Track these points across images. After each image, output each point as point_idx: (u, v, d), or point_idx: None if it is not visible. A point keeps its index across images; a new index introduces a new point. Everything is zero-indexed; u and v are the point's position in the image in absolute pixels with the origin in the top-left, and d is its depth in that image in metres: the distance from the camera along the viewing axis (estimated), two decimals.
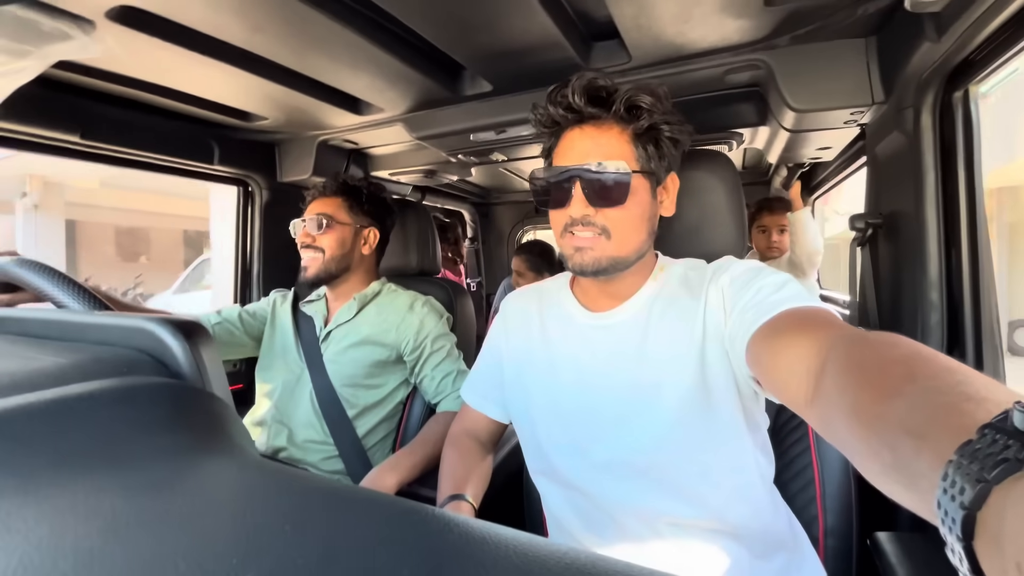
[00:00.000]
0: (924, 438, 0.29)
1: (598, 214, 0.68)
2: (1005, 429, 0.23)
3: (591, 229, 0.69)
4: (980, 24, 0.66)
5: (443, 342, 1.24)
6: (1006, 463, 0.22)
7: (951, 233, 0.86)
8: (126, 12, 0.80)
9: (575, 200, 0.68)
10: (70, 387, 0.27)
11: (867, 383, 0.37)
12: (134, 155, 1.34)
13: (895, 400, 0.33)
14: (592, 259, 0.69)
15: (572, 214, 0.69)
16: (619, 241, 0.69)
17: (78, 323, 0.41)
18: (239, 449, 0.28)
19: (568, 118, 0.71)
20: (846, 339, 0.44)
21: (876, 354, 0.39)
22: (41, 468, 0.22)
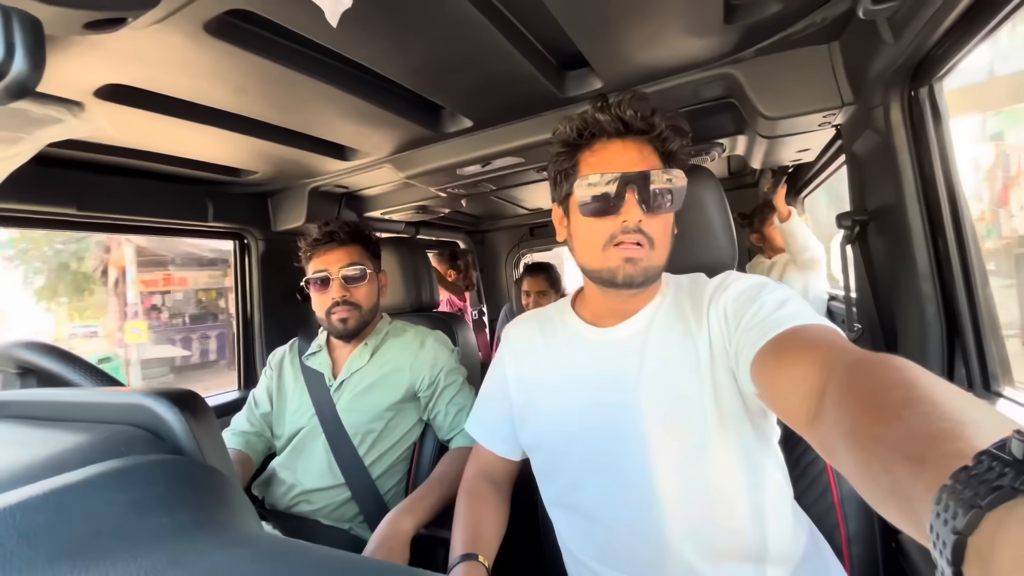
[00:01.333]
0: (922, 463, 0.29)
1: (647, 222, 0.69)
2: (1002, 457, 0.23)
3: (641, 238, 0.68)
4: (933, 23, 0.68)
5: (455, 376, 1.23)
6: (1000, 490, 0.22)
7: (935, 224, 0.87)
8: (113, 90, 0.83)
9: (628, 206, 0.68)
10: (67, 476, 0.28)
11: (867, 406, 0.37)
12: (130, 220, 1.37)
13: (894, 424, 0.33)
14: (643, 269, 0.69)
15: (627, 220, 0.68)
16: (659, 252, 0.71)
17: (76, 403, 0.42)
18: (240, 524, 0.28)
19: (617, 129, 0.71)
20: (847, 361, 0.44)
21: (877, 377, 0.39)
22: (41, 564, 0.23)
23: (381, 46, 0.81)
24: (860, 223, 1.04)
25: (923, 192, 0.88)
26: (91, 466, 0.30)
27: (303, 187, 1.61)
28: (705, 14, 0.82)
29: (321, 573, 0.22)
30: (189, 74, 0.83)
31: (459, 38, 0.81)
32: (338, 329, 1.20)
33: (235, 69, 0.82)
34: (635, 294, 0.74)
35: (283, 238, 1.72)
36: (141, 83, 0.84)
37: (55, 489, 0.26)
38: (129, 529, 0.26)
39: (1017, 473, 0.22)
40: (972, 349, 0.83)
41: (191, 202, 1.47)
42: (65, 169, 1.17)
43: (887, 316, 1.01)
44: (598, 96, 1.07)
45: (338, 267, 1.18)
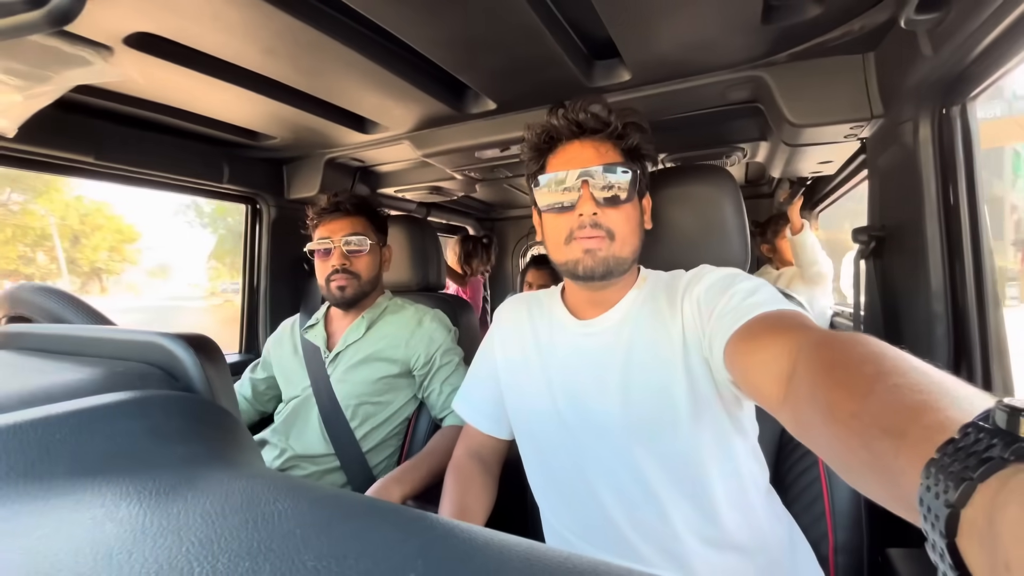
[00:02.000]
0: (903, 436, 0.29)
1: (604, 215, 0.72)
2: (988, 428, 0.24)
3: (598, 231, 0.71)
4: (974, 39, 0.68)
5: (451, 356, 1.24)
6: (991, 461, 0.22)
7: (954, 245, 0.86)
8: (142, 38, 0.83)
9: (583, 200, 0.71)
10: (86, 399, 0.28)
11: (838, 382, 0.37)
12: (147, 175, 1.37)
13: (868, 398, 0.33)
14: (601, 260, 0.72)
15: (582, 213, 0.72)
16: (621, 242, 0.73)
17: (93, 338, 0.42)
18: (248, 459, 0.29)
19: (572, 131, 0.75)
20: (814, 340, 0.45)
21: (844, 353, 0.40)
22: (61, 475, 0.23)
23: (414, 16, 0.81)
24: (877, 238, 1.04)
25: (944, 212, 0.87)
26: (108, 394, 0.30)
27: (319, 157, 1.61)
28: (744, 12, 0.81)
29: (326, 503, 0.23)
30: (220, 29, 0.83)
31: (492, 14, 0.80)
32: (336, 296, 1.22)
33: (266, 28, 0.82)
34: (604, 286, 0.76)
35: (295, 206, 1.72)
36: (171, 34, 0.84)
37: (76, 410, 0.27)
38: (148, 452, 0.26)
39: (1005, 443, 0.22)
40: (978, 372, 0.83)
41: (207, 162, 1.47)
42: (86, 116, 1.17)
43: (895, 333, 1.00)
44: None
45: (341, 236, 1.21)
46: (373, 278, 1.26)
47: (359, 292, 1.23)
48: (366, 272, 1.23)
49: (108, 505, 0.21)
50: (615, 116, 0.74)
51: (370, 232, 1.25)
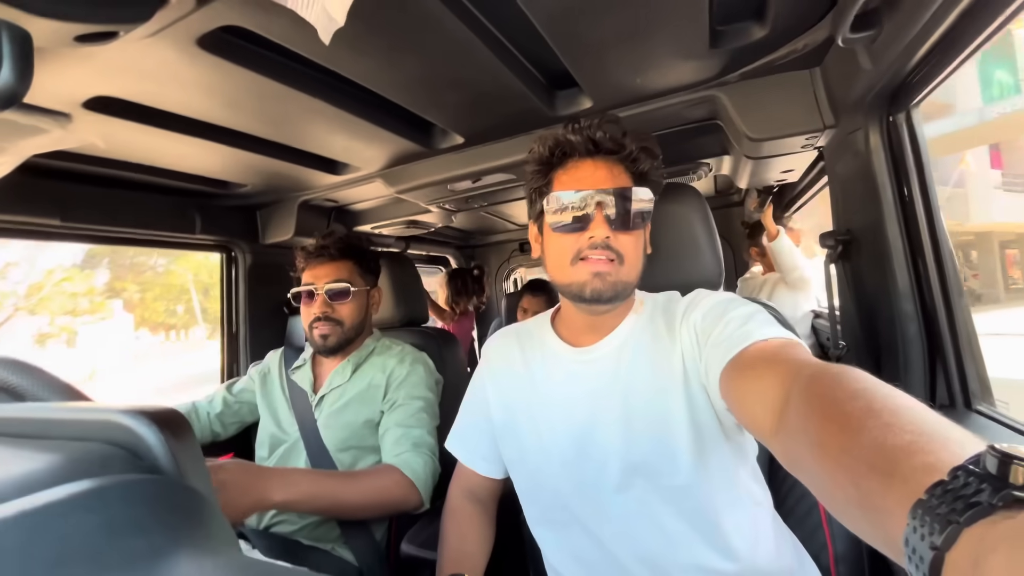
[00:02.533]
0: (892, 476, 0.29)
1: (615, 239, 0.70)
2: (977, 472, 0.24)
3: (608, 253, 0.69)
4: (908, 52, 0.71)
5: (415, 399, 1.16)
6: (978, 506, 0.22)
7: (915, 244, 0.89)
8: (102, 101, 0.83)
9: (596, 223, 0.69)
10: (36, 496, 0.27)
11: (830, 417, 0.37)
12: (116, 232, 1.35)
13: (859, 435, 0.33)
14: (611, 284, 0.69)
15: (594, 235, 0.69)
16: (629, 267, 0.71)
17: (49, 419, 0.41)
18: (217, 547, 0.28)
19: (588, 149, 0.73)
20: (808, 373, 0.45)
21: (837, 388, 0.40)
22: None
23: (373, 63, 0.82)
24: (843, 242, 1.07)
25: (902, 213, 0.90)
26: (62, 486, 0.29)
27: (293, 200, 1.60)
28: (692, 39, 0.84)
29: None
30: (181, 88, 0.83)
31: (451, 56, 0.82)
32: (319, 344, 1.20)
33: (227, 83, 0.83)
34: (607, 310, 0.74)
35: (271, 251, 1.71)
36: (131, 96, 0.84)
37: (24, 511, 0.25)
38: (102, 552, 0.25)
39: (994, 489, 0.22)
40: (953, 368, 0.85)
41: (178, 214, 1.46)
42: (48, 180, 1.16)
43: (871, 334, 1.02)
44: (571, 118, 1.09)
45: (324, 282, 1.19)
46: (358, 324, 1.23)
47: (342, 339, 1.21)
48: (350, 319, 1.21)
49: None
50: (630, 139, 0.72)
51: (356, 277, 1.23)
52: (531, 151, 0.78)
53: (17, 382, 0.50)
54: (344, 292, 1.18)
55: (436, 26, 0.73)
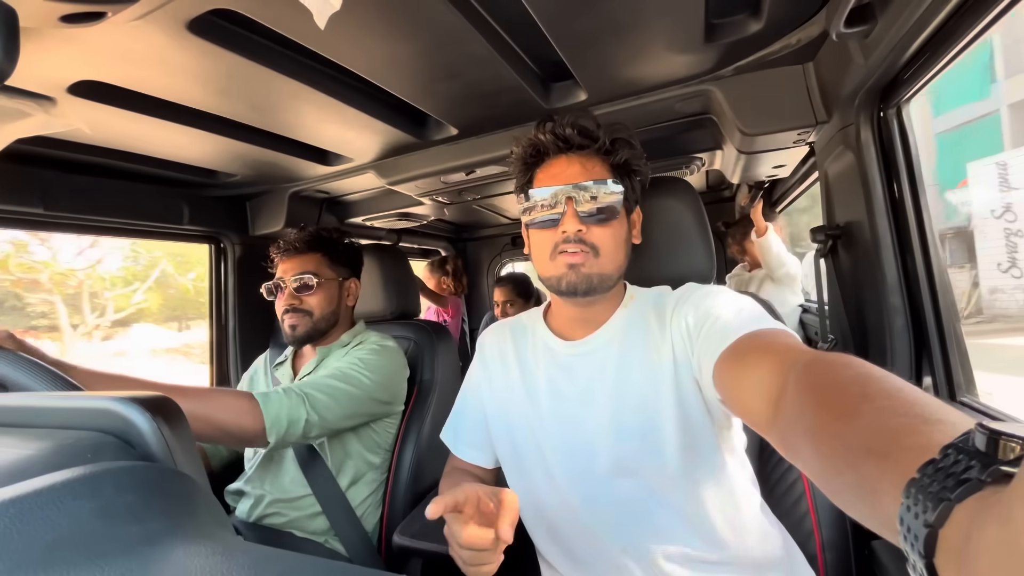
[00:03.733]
0: (886, 458, 0.30)
1: (589, 232, 0.71)
2: (967, 449, 0.24)
3: (581, 246, 0.70)
4: (901, 48, 0.72)
5: (336, 379, 1.07)
6: (968, 483, 0.23)
7: (903, 238, 0.90)
8: (88, 86, 0.81)
9: (568, 217, 0.70)
10: (29, 483, 0.26)
11: (825, 404, 0.38)
12: (101, 222, 1.32)
13: (854, 420, 0.34)
14: (584, 276, 0.70)
15: (566, 229, 0.70)
16: (606, 259, 0.72)
17: (40, 407, 0.40)
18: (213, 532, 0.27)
19: (558, 146, 0.75)
20: (803, 361, 0.46)
21: (832, 375, 0.41)
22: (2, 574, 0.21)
23: (366, 50, 0.81)
24: (832, 237, 1.08)
25: (892, 209, 0.91)
26: (55, 472, 0.28)
27: (283, 191, 1.58)
28: (687, 33, 0.85)
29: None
30: (169, 73, 0.81)
31: (447, 46, 0.82)
32: (288, 335, 1.22)
33: (217, 69, 0.81)
34: (589, 303, 0.75)
35: (261, 243, 1.69)
36: (118, 80, 0.82)
37: (15, 497, 0.25)
38: (95, 538, 0.24)
39: (983, 465, 0.23)
40: (939, 360, 0.86)
41: (166, 204, 1.43)
42: (31, 167, 1.13)
43: (858, 328, 1.04)
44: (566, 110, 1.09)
45: (291, 275, 1.21)
46: (328, 314, 1.23)
47: (311, 329, 1.21)
48: (318, 309, 1.22)
49: None
50: (603, 131, 0.74)
51: (324, 268, 1.24)
52: (511, 152, 0.79)
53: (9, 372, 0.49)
54: (308, 284, 1.20)
55: (431, 13, 0.72)
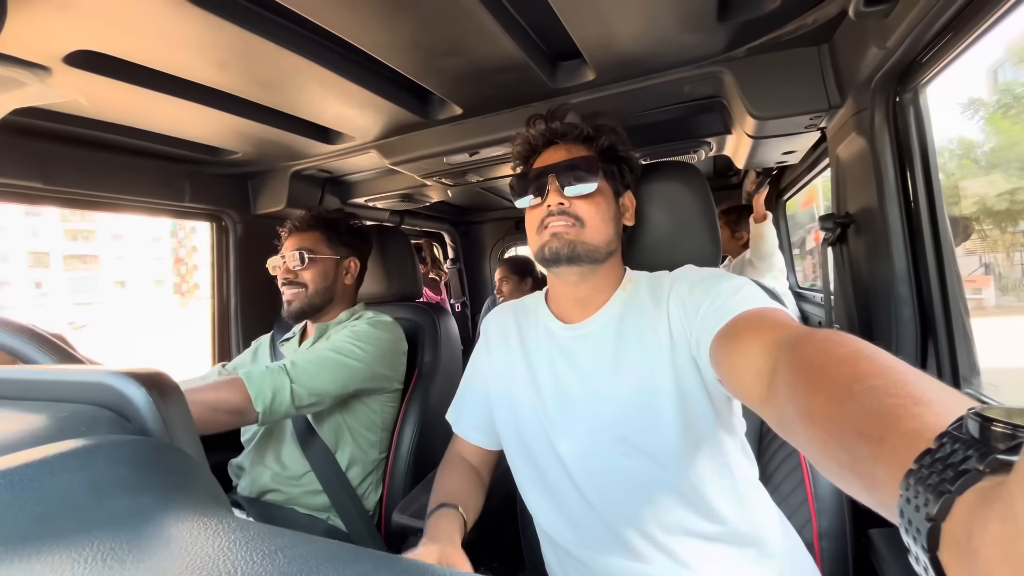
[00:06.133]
0: (881, 443, 0.29)
1: (571, 205, 0.75)
2: (962, 437, 0.24)
3: (565, 218, 0.75)
4: (922, 29, 0.69)
5: (334, 345, 1.11)
6: (967, 474, 0.22)
7: (914, 227, 0.88)
8: (85, 56, 0.79)
9: (551, 193, 0.76)
10: (21, 454, 0.26)
11: (817, 384, 0.38)
12: (102, 197, 1.31)
13: (846, 402, 0.34)
14: (567, 242, 0.74)
15: (549, 204, 0.76)
16: (591, 231, 0.75)
17: (35, 380, 0.40)
18: (204, 507, 0.27)
19: (545, 138, 0.81)
20: (793, 338, 0.46)
21: (822, 353, 0.40)
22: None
23: (371, 24, 0.79)
24: (841, 225, 1.06)
25: (903, 197, 0.89)
26: (48, 445, 0.28)
27: (285, 170, 1.56)
28: (699, 10, 0.82)
29: (289, 551, 0.21)
30: (168, 44, 0.79)
31: (451, 20, 0.79)
32: (286, 309, 1.24)
33: (218, 41, 0.79)
34: (582, 277, 0.77)
35: (263, 222, 1.68)
36: (115, 51, 0.80)
37: (7, 468, 0.25)
38: (87, 511, 0.24)
39: (980, 454, 0.22)
40: (945, 351, 0.85)
41: (167, 180, 1.42)
42: (31, 139, 1.12)
43: (864, 317, 1.03)
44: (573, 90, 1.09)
45: (289, 252, 1.24)
46: (323, 289, 1.25)
47: (306, 304, 1.23)
48: (312, 283, 1.23)
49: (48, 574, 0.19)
50: (585, 120, 0.80)
51: (321, 246, 1.26)
52: (512, 151, 0.87)
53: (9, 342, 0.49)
54: (301, 259, 1.22)
55: None
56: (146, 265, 51.96)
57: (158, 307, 46.12)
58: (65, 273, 45.32)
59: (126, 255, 49.85)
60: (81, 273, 46.26)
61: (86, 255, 47.04)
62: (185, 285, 55.92)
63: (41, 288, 44.39)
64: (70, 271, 45.69)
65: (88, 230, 47.65)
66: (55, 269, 45.03)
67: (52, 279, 44.89)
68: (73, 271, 45.85)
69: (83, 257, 46.83)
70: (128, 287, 49.38)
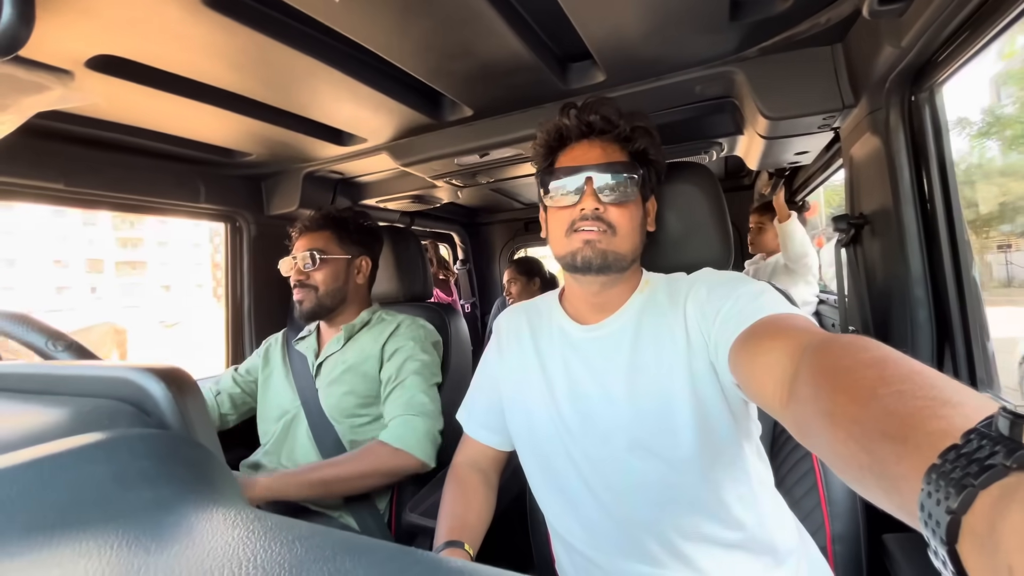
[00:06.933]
0: (904, 442, 0.29)
1: (606, 211, 0.73)
2: (990, 435, 0.23)
3: (599, 224, 0.72)
4: (938, 28, 0.68)
5: (413, 363, 1.19)
6: (992, 468, 0.22)
7: (930, 228, 0.87)
8: (105, 61, 0.81)
9: (586, 196, 0.73)
10: (47, 445, 0.27)
11: (841, 387, 0.37)
12: (120, 198, 1.34)
13: (870, 403, 0.33)
14: (599, 251, 0.72)
15: (584, 207, 0.73)
16: (622, 239, 0.73)
17: (59, 375, 0.41)
18: (222, 499, 0.28)
19: (581, 131, 0.78)
20: (817, 343, 0.45)
21: (847, 357, 0.40)
22: (15, 534, 0.22)
23: (382, 27, 0.80)
24: (856, 226, 1.05)
25: (919, 197, 0.88)
26: (73, 437, 0.29)
27: (297, 171, 1.58)
28: (711, 10, 0.82)
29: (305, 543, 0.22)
30: (185, 48, 0.81)
31: (462, 23, 0.80)
32: (297, 310, 1.25)
33: (233, 45, 0.81)
34: (605, 284, 0.76)
35: (276, 223, 1.70)
36: (135, 55, 0.82)
37: (35, 459, 0.25)
38: (111, 501, 0.25)
39: (1008, 451, 0.22)
40: (962, 355, 0.84)
41: (182, 182, 1.44)
42: (52, 142, 1.14)
43: (879, 320, 1.01)
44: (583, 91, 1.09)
45: (300, 253, 1.24)
46: (334, 290, 1.25)
47: (317, 305, 1.23)
48: (323, 284, 1.24)
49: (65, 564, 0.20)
50: (624, 119, 0.76)
51: (332, 246, 1.26)
52: (536, 139, 0.82)
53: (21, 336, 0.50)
54: (311, 260, 1.23)
55: None
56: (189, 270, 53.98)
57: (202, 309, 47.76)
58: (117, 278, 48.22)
59: (170, 261, 52.31)
60: (131, 278, 49.06)
61: (135, 261, 50.14)
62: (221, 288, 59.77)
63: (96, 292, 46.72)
64: (121, 276, 48.67)
65: (136, 238, 50.69)
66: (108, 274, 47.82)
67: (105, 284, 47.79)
68: (124, 276, 48.77)
69: (133, 263, 50.00)
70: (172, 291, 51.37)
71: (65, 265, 45.57)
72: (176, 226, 50.41)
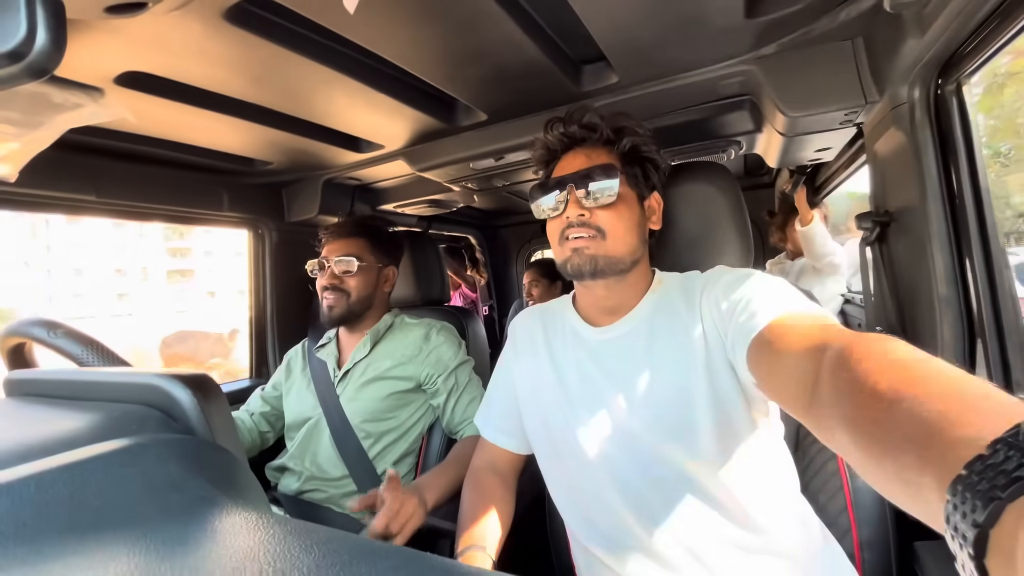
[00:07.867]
0: (928, 449, 0.28)
1: (592, 216, 0.73)
2: (1018, 445, 0.23)
3: (586, 230, 0.73)
4: (963, 19, 0.66)
5: (463, 371, 1.25)
6: (1020, 481, 0.21)
7: (959, 225, 0.84)
8: (132, 77, 0.84)
9: (570, 204, 0.74)
10: (80, 451, 0.28)
11: (863, 390, 0.36)
12: (148, 208, 1.39)
13: (894, 407, 0.32)
14: (588, 257, 0.72)
15: (568, 216, 0.74)
16: (613, 240, 0.73)
17: (91, 382, 0.43)
18: (245, 502, 0.28)
19: (564, 142, 0.79)
20: (839, 344, 0.44)
21: (871, 359, 0.39)
22: (52, 536, 0.23)
23: (397, 35, 0.81)
24: (881, 224, 1.02)
25: (947, 193, 0.85)
26: (104, 443, 0.30)
27: (317, 179, 1.62)
28: (727, 7, 0.81)
29: (325, 547, 0.22)
30: (207, 62, 0.83)
31: (475, 28, 0.81)
32: (325, 314, 1.25)
33: (252, 57, 0.83)
34: (610, 287, 0.76)
35: (296, 229, 1.74)
36: (160, 71, 0.85)
37: (69, 464, 0.27)
38: (140, 504, 0.26)
39: None
40: (996, 355, 0.81)
41: (206, 191, 1.49)
42: (84, 155, 1.19)
43: (907, 319, 0.98)
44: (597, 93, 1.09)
45: (335, 256, 1.24)
46: (364, 297, 1.27)
47: (347, 311, 1.25)
48: (356, 291, 1.25)
49: (96, 567, 0.20)
50: (605, 122, 0.76)
51: (366, 253, 1.27)
52: (531, 156, 0.85)
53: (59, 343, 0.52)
54: (349, 265, 1.24)
55: None
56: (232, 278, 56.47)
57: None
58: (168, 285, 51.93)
59: (215, 269, 55.04)
60: (180, 285, 52.55)
61: (184, 269, 53.80)
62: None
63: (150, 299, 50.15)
64: (172, 284, 52.37)
65: (185, 248, 54.43)
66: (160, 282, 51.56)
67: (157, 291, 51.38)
68: (175, 283, 52.40)
69: (183, 271, 53.73)
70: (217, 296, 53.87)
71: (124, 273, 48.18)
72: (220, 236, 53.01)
